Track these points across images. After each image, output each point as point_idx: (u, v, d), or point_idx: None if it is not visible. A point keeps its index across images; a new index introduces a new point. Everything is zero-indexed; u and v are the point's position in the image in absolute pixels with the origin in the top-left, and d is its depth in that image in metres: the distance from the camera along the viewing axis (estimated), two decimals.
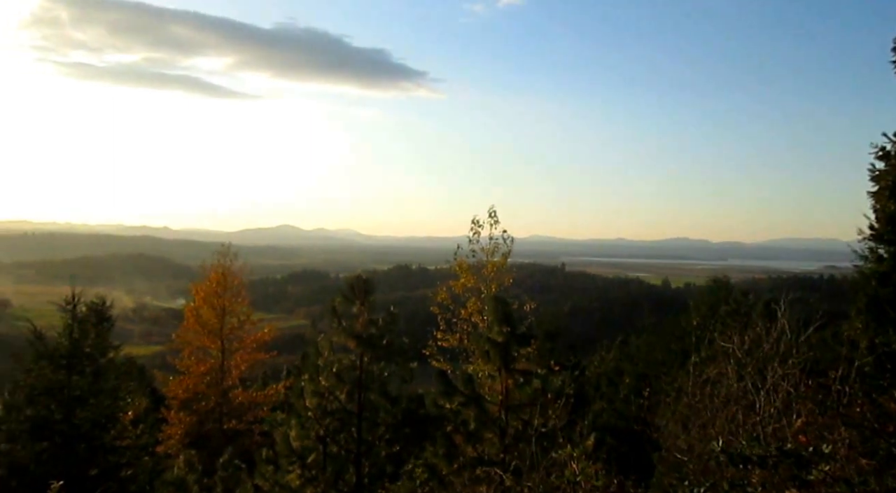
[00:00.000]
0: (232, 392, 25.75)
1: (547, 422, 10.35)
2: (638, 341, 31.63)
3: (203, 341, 25.89)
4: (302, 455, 12.07)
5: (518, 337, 11.14)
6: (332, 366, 11.96)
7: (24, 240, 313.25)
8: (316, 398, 11.96)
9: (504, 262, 17.27)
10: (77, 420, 15.01)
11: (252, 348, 26.40)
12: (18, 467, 14.24)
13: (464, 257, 17.44)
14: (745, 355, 8.23)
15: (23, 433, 14.70)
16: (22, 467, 14.21)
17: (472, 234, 17.32)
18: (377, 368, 12.21)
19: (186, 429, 24.76)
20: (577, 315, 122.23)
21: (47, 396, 15.12)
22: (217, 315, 25.85)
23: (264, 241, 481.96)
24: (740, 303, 19.79)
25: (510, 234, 17.40)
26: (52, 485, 6.70)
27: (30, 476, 13.73)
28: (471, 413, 11.03)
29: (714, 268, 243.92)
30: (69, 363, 15.40)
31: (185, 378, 25.31)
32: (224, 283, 26.21)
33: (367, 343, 11.87)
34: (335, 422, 12.11)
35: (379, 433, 12.15)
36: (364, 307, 12.12)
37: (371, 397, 12.09)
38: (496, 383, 11.40)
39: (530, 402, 10.85)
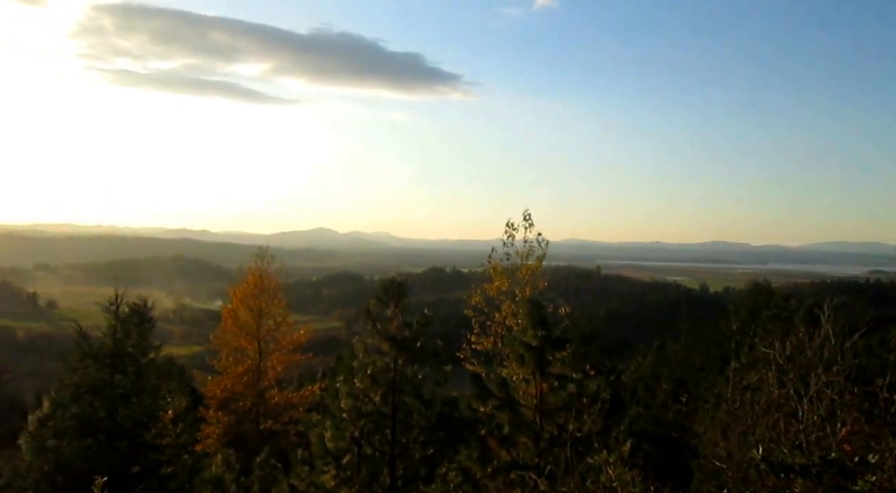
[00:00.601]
0: (268, 393, 26.10)
1: (582, 427, 10.24)
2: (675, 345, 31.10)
3: (240, 343, 26.31)
4: (337, 456, 12.17)
5: (553, 341, 11.06)
6: (367, 368, 12.04)
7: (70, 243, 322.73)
8: (351, 400, 12.04)
9: (539, 265, 17.16)
10: (120, 418, 15.38)
11: (288, 350, 26.72)
12: (65, 462, 14.64)
13: (498, 260, 17.39)
14: (786, 361, 8.02)
15: (69, 429, 15.11)
16: (68, 462, 14.61)
17: (507, 237, 17.26)
18: (411, 370, 12.25)
19: (224, 428, 25.16)
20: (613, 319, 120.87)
21: (92, 394, 15.53)
22: (254, 317, 26.25)
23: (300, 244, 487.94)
24: (782, 308, 19.33)
25: (545, 237, 17.31)
26: (96, 481, 6.87)
27: (75, 472, 14.10)
28: (505, 417, 10.98)
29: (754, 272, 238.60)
30: (112, 363, 15.80)
31: (223, 378, 25.74)
32: (261, 285, 26.60)
33: (402, 346, 11.91)
34: (370, 424, 12.18)
35: (413, 436, 12.18)
36: (398, 310, 12.18)
37: (405, 399, 12.13)
38: (530, 387, 11.33)
39: (565, 406, 10.76)
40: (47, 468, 14.66)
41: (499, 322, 16.56)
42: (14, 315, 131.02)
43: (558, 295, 18.68)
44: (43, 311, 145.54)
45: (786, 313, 18.34)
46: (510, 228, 17.22)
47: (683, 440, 9.15)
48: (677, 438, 10.03)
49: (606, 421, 10.63)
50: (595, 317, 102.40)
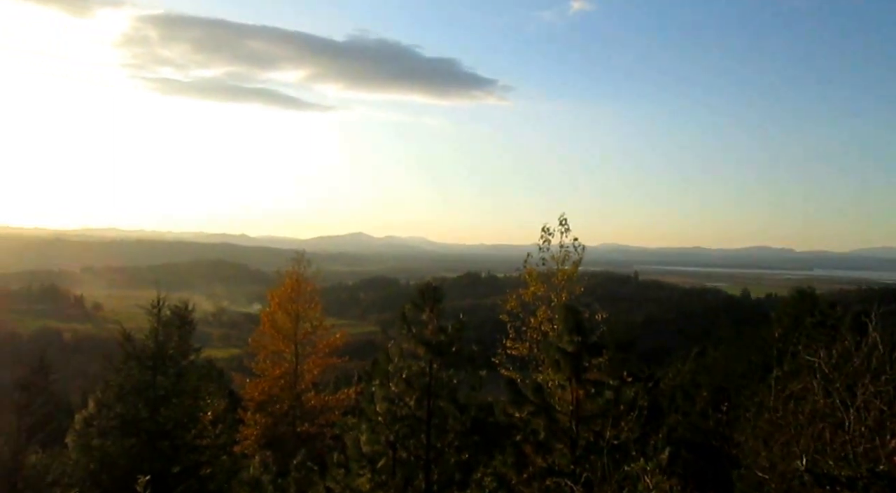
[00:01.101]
0: (305, 396, 26.36)
1: (619, 434, 10.11)
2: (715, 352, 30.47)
3: (278, 346, 26.64)
4: (372, 460, 12.22)
5: (589, 347, 10.95)
6: (402, 372, 12.08)
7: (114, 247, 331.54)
8: (386, 404, 12.09)
9: (575, 270, 17.01)
10: (161, 419, 15.71)
11: (324, 353, 26.96)
12: (109, 461, 15.01)
13: (533, 266, 17.29)
14: (832, 369, 7.79)
15: (113, 429, 15.49)
16: (112, 461, 14.98)
17: (542, 242, 17.14)
18: (446, 375, 12.25)
19: (262, 430, 25.49)
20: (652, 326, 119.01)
21: (135, 394, 15.90)
22: (291, 320, 26.57)
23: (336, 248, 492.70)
24: (827, 315, 18.80)
25: (581, 242, 17.15)
26: (139, 479, 7.02)
27: (119, 471, 14.44)
28: (541, 423, 10.91)
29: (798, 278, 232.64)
30: (154, 364, 16.16)
31: (261, 381, 26.09)
32: (298, 289, 26.92)
33: (437, 350, 11.93)
34: (405, 428, 12.21)
35: (448, 440, 12.17)
36: (433, 314, 12.20)
37: (440, 403, 12.13)
38: (566, 393, 11.22)
39: (602, 413, 10.63)
40: (93, 466, 15.04)
41: (534, 328, 16.45)
42: (62, 317, 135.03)
43: (595, 301, 18.46)
44: (89, 313, 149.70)
45: (831, 321, 17.83)
46: (546, 233, 17.11)
47: (724, 449, 8.95)
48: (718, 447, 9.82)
49: (644, 429, 10.47)
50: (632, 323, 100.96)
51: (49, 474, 14.51)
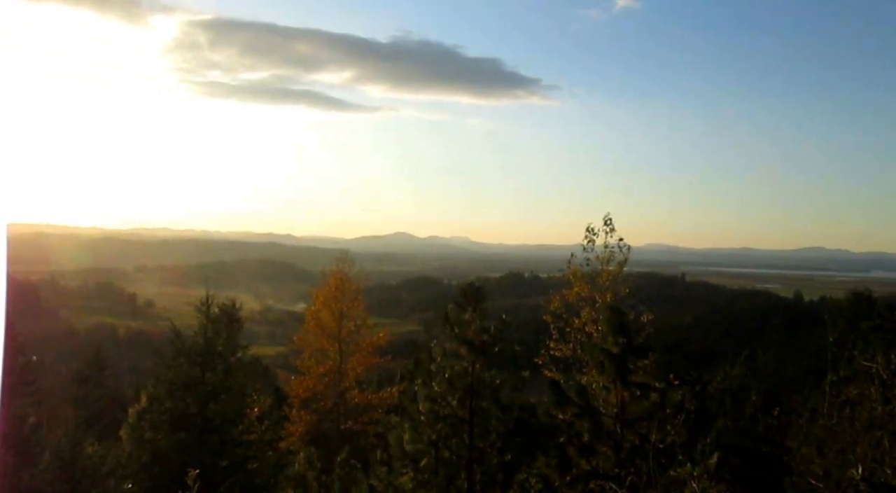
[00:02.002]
0: (349, 393, 26.66)
1: (665, 437, 9.92)
2: (766, 356, 29.66)
3: (322, 344, 27.01)
4: (415, 459, 12.29)
5: (634, 349, 10.79)
6: (445, 372, 12.11)
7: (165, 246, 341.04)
8: (428, 403, 12.14)
9: (620, 271, 16.78)
10: (210, 414, 16.10)
11: (368, 352, 27.21)
12: (160, 454, 15.46)
13: (577, 266, 17.12)
14: (891, 375, 7.50)
15: (164, 423, 15.96)
16: (163, 454, 15.42)
17: (587, 242, 16.96)
18: (489, 375, 12.24)
19: (306, 427, 25.87)
20: (699, 328, 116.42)
21: (184, 390, 16.34)
22: (335, 319, 26.91)
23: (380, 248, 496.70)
24: (885, 318, 18.07)
25: (626, 242, 16.90)
26: (189, 473, 7.20)
27: (170, 464, 14.85)
28: (584, 425, 10.79)
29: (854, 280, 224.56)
30: (203, 361, 16.58)
31: (306, 379, 26.49)
32: (342, 288, 27.25)
33: (479, 350, 11.92)
34: (447, 427, 12.23)
35: (490, 441, 12.15)
36: (476, 314, 12.20)
37: (483, 404, 12.12)
38: (611, 395, 11.08)
39: (647, 416, 10.46)
40: (145, 458, 15.51)
41: (578, 329, 16.28)
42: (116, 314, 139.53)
43: (640, 302, 18.19)
44: (141, 310, 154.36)
45: (889, 325, 17.14)
46: (590, 233, 16.91)
47: (775, 456, 8.71)
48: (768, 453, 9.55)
49: (691, 433, 10.26)
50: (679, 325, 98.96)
51: (104, 465, 14.98)
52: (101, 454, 15.85)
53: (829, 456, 7.28)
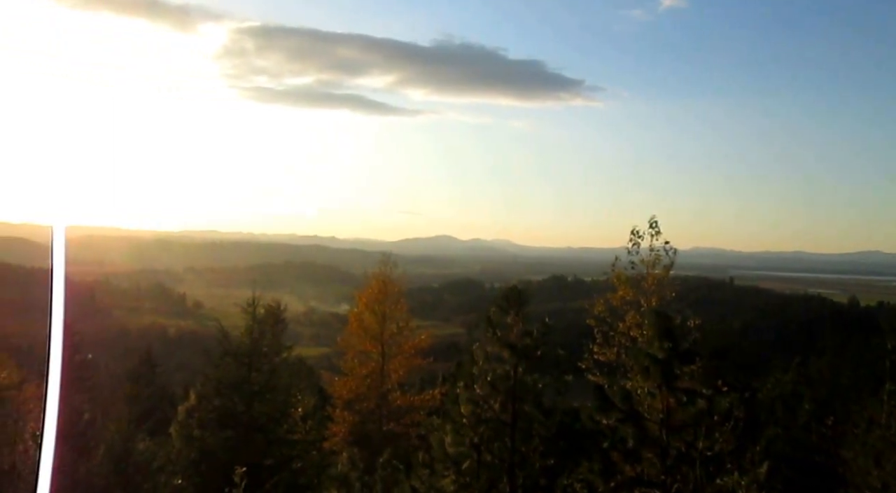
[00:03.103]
0: (391, 395, 26.80)
1: (713, 445, 9.69)
2: (819, 363, 28.68)
3: (365, 345, 27.23)
4: (456, 461, 12.29)
5: (681, 354, 10.58)
6: (487, 375, 12.08)
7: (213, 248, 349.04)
8: (470, 406, 12.13)
9: (666, 274, 16.49)
10: (255, 413, 16.41)
11: (410, 354, 27.33)
12: (208, 451, 15.82)
13: (622, 269, 16.89)
14: None
15: (211, 421, 16.33)
16: (211, 452, 15.77)
17: (631, 245, 16.72)
18: (531, 379, 12.17)
19: (349, 428, 26.11)
20: (749, 333, 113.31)
21: (231, 389, 16.70)
22: (378, 321, 27.10)
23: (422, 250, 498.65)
24: None
25: (672, 245, 16.61)
26: (236, 471, 7.35)
27: (217, 461, 15.18)
28: (629, 431, 10.63)
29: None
30: (249, 360, 16.92)
31: (349, 379, 26.75)
32: (385, 290, 27.44)
33: (522, 354, 11.86)
34: (489, 431, 12.20)
35: (533, 445, 12.07)
36: (519, 318, 12.15)
37: (525, 407, 12.05)
38: (656, 401, 10.88)
39: (694, 423, 10.24)
40: (193, 455, 15.89)
41: (623, 333, 16.05)
42: (166, 314, 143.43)
43: (687, 306, 17.79)
44: (190, 310, 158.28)
45: None
46: (635, 236, 16.67)
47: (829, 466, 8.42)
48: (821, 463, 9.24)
49: (740, 441, 10.00)
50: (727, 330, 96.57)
51: (155, 461, 15.41)
52: (152, 450, 16.33)
53: (888, 468, 7.01)
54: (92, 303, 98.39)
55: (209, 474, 15.16)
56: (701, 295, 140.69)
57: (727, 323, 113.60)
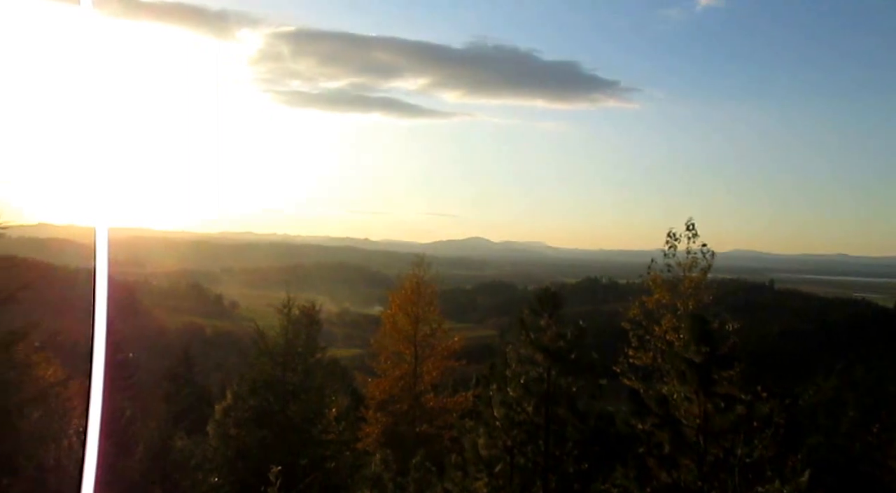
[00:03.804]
0: (424, 397, 26.84)
1: (752, 452, 9.48)
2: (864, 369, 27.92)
3: (398, 347, 27.32)
4: (489, 464, 12.23)
5: (718, 358, 10.37)
6: (520, 377, 12.01)
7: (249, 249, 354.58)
8: (503, 409, 12.07)
9: (703, 277, 16.20)
10: (290, 413, 16.57)
11: (443, 356, 27.33)
12: (244, 450, 16.03)
13: (658, 272, 16.66)
14: None
15: (247, 420, 16.54)
16: (247, 450, 15.98)
17: (668, 247, 16.49)
18: (565, 382, 12.06)
19: (382, 429, 26.23)
20: (789, 338, 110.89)
21: (266, 388, 16.89)
22: (411, 323, 27.17)
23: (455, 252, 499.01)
24: None
25: (710, 248, 16.32)
26: (271, 469, 7.43)
27: (253, 460, 15.37)
28: (665, 436, 10.45)
29: None
30: (284, 361, 17.09)
31: (382, 381, 26.87)
32: (418, 292, 27.49)
33: (555, 356, 11.76)
34: (522, 434, 12.12)
35: (567, 449, 11.96)
36: (552, 320, 12.05)
37: (559, 411, 11.95)
38: (693, 406, 10.68)
39: (733, 429, 10.02)
40: (230, 453, 16.11)
41: (659, 336, 15.82)
42: (203, 314, 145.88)
43: (725, 310, 17.46)
44: (226, 310, 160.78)
45: None
46: (671, 239, 16.43)
47: (874, 475, 8.15)
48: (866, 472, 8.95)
49: (781, 448, 9.77)
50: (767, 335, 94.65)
51: (193, 458, 15.69)
52: (190, 448, 16.63)
53: None
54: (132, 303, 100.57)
55: (245, 472, 15.36)
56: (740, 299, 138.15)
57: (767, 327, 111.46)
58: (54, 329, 16.21)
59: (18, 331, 10.32)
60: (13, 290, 10.21)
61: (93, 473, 2.37)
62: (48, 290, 58.86)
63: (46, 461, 10.98)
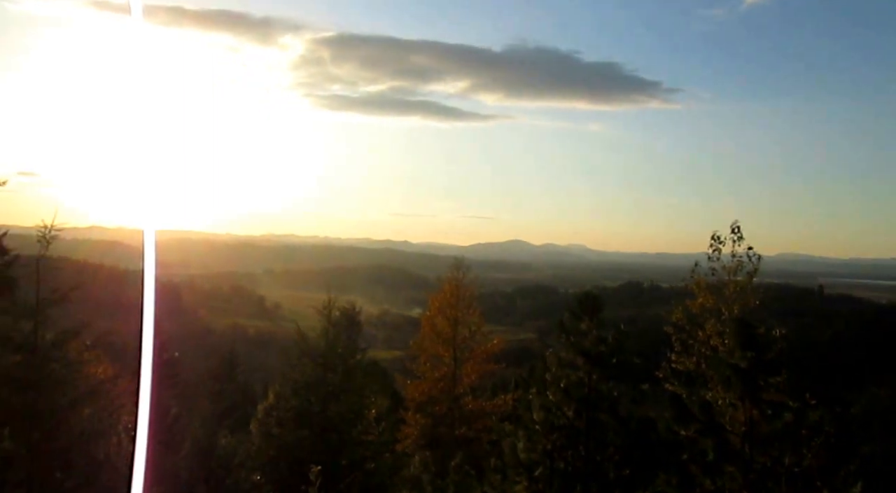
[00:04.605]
0: (463, 399, 26.84)
1: (801, 461, 9.21)
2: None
3: (437, 349, 27.39)
4: (529, 468, 12.17)
5: (765, 364, 10.11)
6: (560, 381, 11.93)
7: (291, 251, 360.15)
8: (543, 413, 12.00)
9: (749, 281, 15.81)
10: (330, 413, 16.75)
11: (482, 359, 27.29)
12: (286, 449, 16.27)
13: (702, 275, 16.33)
14: None
15: (289, 419, 16.78)
16: (288, 450, 16.21)
17: (712, 251, 16.15)
18: (606, 386, 11.92)
19: (421, 431, 26.31)
20: (840, 345, 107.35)
21: (307, 389, 17.11)
22: (450, 325, 27.20)
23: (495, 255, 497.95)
24: None
25: (756, 251, 15.93)
26: (312, 469, 7.52)
27: (294, 459, 15.59)
28: (709, 443, 10.23)
29: None
30: (325, 361, 17.30)
31: (421, 383, 26.96)
32: (457, 295, 27.52)
33: (596, 361, 11.64)
34: (562, 438, 12.03)
35: (607, 454, 11.82)
36: (593, 324, 11.93)
37: (600, 415, 11.82)
38: (738, 412, 10.43)
39: (780, 437, 9.76)
40: (272, 452, 16.38)
41: (702, 341, 15.49)
42: (246, 315, 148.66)
43: (771, 315, 17.02)
44: (269, 311, 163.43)
45: None
46: (716, 242, 16.08)
47: None
48: None
49: (831, 458, 9.46)
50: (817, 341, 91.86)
51: (236, 456, 15.96)
52: (233, 447, 16.93)
53: None
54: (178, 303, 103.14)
55: (286, 471, 15.58)
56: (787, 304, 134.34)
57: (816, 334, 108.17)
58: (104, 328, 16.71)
59: (70, 330, 10.69)
60: (66, 290, 10.57)
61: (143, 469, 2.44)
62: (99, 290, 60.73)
63: (97, 456, 11.31)
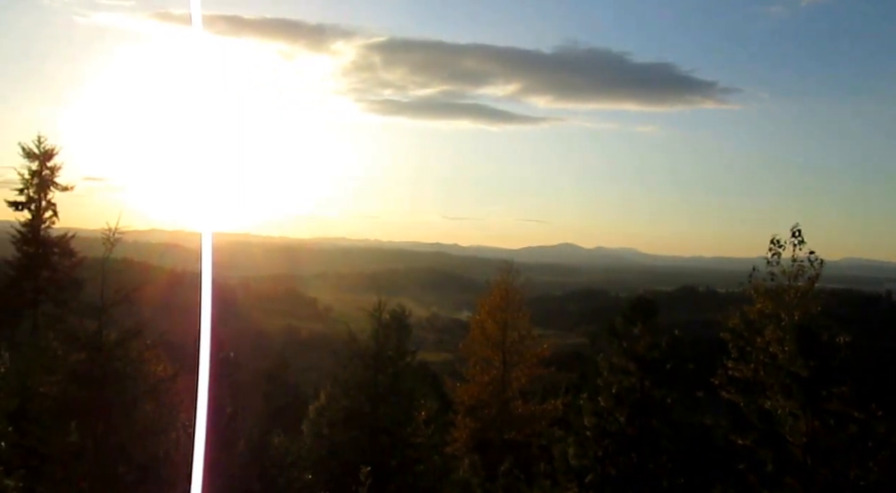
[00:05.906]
0: (512, 404, 26.68)
1: (867, 474, 8.83)
2: None
3: (486, 353, 27.31)
4: (580, 474, 12.02)
5: (828, 373, 9.74)
6: (612, 387, 11.75)
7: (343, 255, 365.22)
8: (594, 418, 11.83)
9: (810, 287, 15.24)
10: (380, 414, 16.90)
11: (531, 363, 27.09)
12: (336, 449, 16.48)
13: (760, 280, 15.82)
14: None
15: (339, 420, 17.00)
16: (338, 450, 16.43)
17: (771, 255, 15.63)
18: (659, 393, 11.68)
19: (471, 434, 26.25)
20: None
21: (357, 390, 17.30)
22: (500, 329, 27.09)
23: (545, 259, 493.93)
24: None
25: (818, 255, 15.35)
26: (362, 469, 7.59)
27: (344, 460, 15.77)
28: (768, 454, 9.92)
29: None
30: (375, 363, 17.46)
31: (471, 386, 26.91)
32: (507, 298, 27.38)
33: (649, 367, 11.42)
34: (614, 444, 11.84)
35: (661, 462, 11.57)
36: (646, 329, 11.71)
37: (653, 422, 11.59)
38: (799, 423, 10.07)
39: (844, 449, 9.38)
40: (323, 452, 16.62)
41: (761, 348, 14.99)
42: (298, 317, 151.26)
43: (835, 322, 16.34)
44: (321, 314, 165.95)
45: None
46: (775, 246, 15.57)
47: None
48: None
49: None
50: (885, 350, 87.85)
51: (288, 455, 16.24)
52: (286, 446, 17.23)
53: None
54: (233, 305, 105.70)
55: (337, 471, 15.78)
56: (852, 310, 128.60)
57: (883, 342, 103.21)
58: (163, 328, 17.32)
59: (133, 329, 11.09)
60: (128, 291, 10.98)
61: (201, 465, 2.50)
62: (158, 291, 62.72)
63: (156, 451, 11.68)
